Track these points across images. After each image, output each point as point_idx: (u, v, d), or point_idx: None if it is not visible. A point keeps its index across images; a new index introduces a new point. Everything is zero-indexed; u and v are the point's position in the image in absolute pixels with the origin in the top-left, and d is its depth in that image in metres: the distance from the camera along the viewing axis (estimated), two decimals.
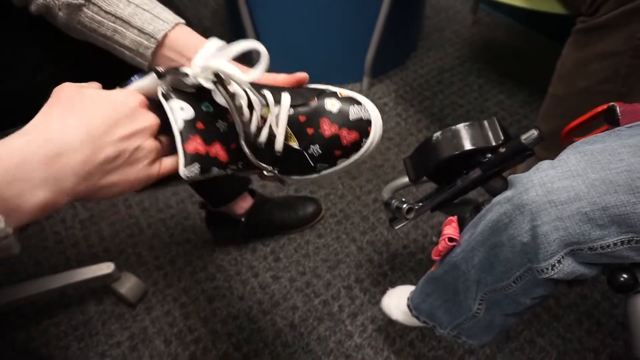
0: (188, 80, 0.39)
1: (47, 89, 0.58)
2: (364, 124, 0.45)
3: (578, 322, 0.93)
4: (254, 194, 0.99)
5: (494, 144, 0.64)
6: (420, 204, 0.73)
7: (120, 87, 0.40)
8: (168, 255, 1.06)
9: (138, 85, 0.39)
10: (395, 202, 0.74)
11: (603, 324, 0.92)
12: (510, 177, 0.51)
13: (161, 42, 0.48)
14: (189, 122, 0.38)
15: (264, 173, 0.44)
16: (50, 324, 0.96)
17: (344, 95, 0.45)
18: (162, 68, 0.38)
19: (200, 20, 1.66)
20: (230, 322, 0.95)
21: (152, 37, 0.48)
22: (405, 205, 0.72)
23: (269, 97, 0.42)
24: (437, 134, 0.67)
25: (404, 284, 0.88)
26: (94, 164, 0.34)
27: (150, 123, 0.38)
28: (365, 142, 0.45)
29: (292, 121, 0.43)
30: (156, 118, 0.39)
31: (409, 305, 0.75)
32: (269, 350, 0.91)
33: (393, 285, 0.90)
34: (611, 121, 0.54)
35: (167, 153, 0.40)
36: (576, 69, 0.75)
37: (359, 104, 0.45)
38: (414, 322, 0.76)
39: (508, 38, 1.56)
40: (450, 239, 0.60)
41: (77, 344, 0.93)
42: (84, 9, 0.49)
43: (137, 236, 1.10)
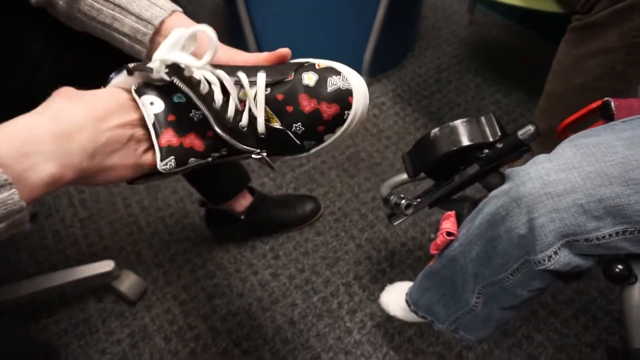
0: (153, 76, 0.39)
1: (46, 89, 0.59)
2: (344, 94, 0.42)
3: (574, 317, 0.94)
4: (253, 191, 1.00)
5: (491, 139, 0.65)
6: (419, 200, 0.73)
7: (103, 86, 0.41)
8: (167, 253, 1.07)
9: (115, 82, 0.40)
10: (393, 198, 0.75)
11: (599, 320, 0.93)
12: (507, 170, 0.52)
13: (158, 28, 0.49)
14: (159, 115, 0.39)
15: (252, 156, 0.43)
16: (50, 322, 0.96)
17: (322, 66, 0.44)
18: (132, 64, 0.39)
19: (199, 20, 1.66)
20: (230, 319, 0.96)
21: (150, 24, 0.49)
22: (403, 201, 0.73)
23: (244, 79, 0.42)
24: (435, 130, 0.68)
25: (403, 280, 0.89)
26: (98, 144, 0.36)
27: (140, 115, 0.40)
28: (348, 114, 0.43)
29: (271, 101, 0.42)
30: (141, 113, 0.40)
31: (407, 301, 0.75)
32: (269, 346, 0.92)
33: (392, 282, 0.91)
34: (606, 116, 0.55)
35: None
36: (572, 66, 0.76)
37: (338, 73, 0.43)
38: (413, 317, 0.77)
39: (505, 37, 1.57)
40: (449, 233, 0.61)
41: (77, 341, 0.93)
42: None
43: (136, 234, 1.10)
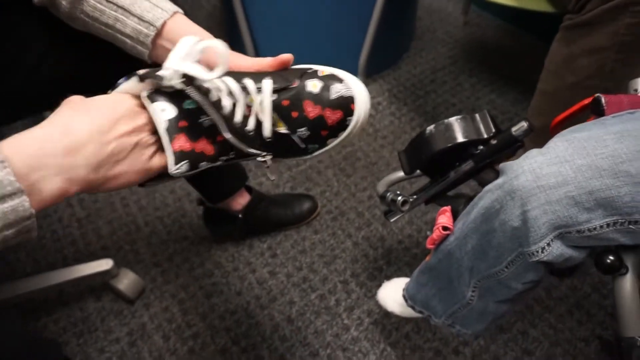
0: (164, 82, 0.40)
1: (46, 88, 0.59)
2: (346, 101, 0.44)
3: (569, 313, 0.95)
4: (251, 190, 1.01)
5: (485, 136, 0.67)
6: (415, 196, 0.75)
7: (110, 91, 0.42)
8: (166, 252, 1.07)
9: (124, 87, 0.41)
10: (390, 195, 0.76)
11: (593, 315, 0.94)
12: (501, 165, 0.53)
13: (160, 30, 0.50)
14: (171, 121, 0.40)
15: (258, 159, 0.45)
16: (49, 320, 0.96)
17: (325, 74, 0.45)
18: (142, 71, 0.40)
19: (196, 21, 1.67)
20: (229, 317, 0.97)
21: (152, 25, 0.49)
22: (400, 198, 0.74)
23: (251, 86, 0.43)
24: (431, 127, 0.69)
25: (399, 277, 0.90)
26: (102, 157, 0.37)
27: (147, 120, 0.40)
28: (350, 120, 0.45)
29: (277, 106, 0.44)
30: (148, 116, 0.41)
31: (404, 296, 0.76)
32: (267, 344, 0.92)
33: (388, 279, 0.91)
34: (597, 112, 0.56)
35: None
36: (564, 65, 0.77)
37: (341, 81, 0.45)
38: (409, 312, 0.78)
39: (499, 38, 1.59)
40: (444, 228, 0.62)
41: (76, 340, 0.94)
42: None
43: (134, 234, 1.11)
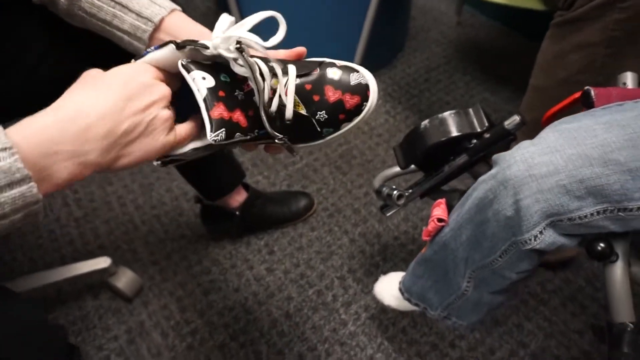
0: (207, 52, 0.41)
1: (45, 87, 0.60)
2: (363, 88, 0.48)
3: (563, 305, 0.96)
4: (248, 188, 1.01)
5: (478, 130, 0.68)
6: (410, 190, 0.76)
7: (136, 59, 0.42)
8: (163, 250, 1.08)
9: (154, 56, 0.42)
10: (386, 190, 0.77)
11: (586, 307, 0.96)
12: (494, 156, 0.54)
13: (158, 26, 0.51)
14: (211, 90, 0.40)
15: (276, 141, 0.46)
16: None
17: (341, 65, 0.49)
18: (179, 40, 0.41)
19: None
20: (227, 313, 0.97)
21: (150, 21, 0.50)
22: (395, 192, 0.75)
23: (277, 69, 0.45)
24: (425, 122, 0.70)
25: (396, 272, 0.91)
26: (114, 138, 0.37)
27: (163, 94, 0.41)
28: (365, 105, 0.48)
29: (299, 90, 0.46)
30: (168, 89, 0.41)
31: (400, 289, 0.77)
32: (265, 339, 0.93)
33: (385, 274, 0.92)
34: (587, 104, 0.57)
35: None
36: (555, 61, 0.79)
37: (357, 71, 0.49)
38: (406, 305, 0.79)
39: (491, 38, 1.61)
40: (440, 220, 0.63)
41: (74, 338, 0.94)
42: None
43: (132, 233, 1.11)
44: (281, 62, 0.47)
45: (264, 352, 0.91)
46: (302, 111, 0.47)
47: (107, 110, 0.37)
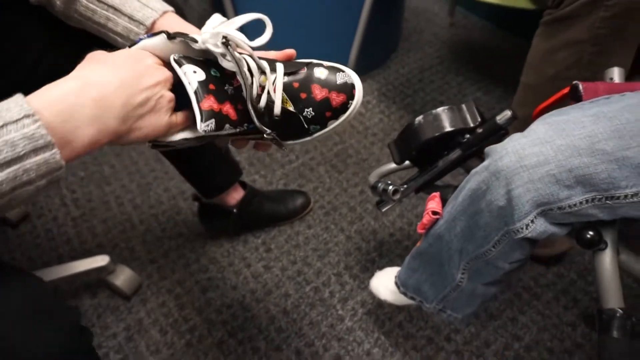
0: (196, 46, 0.43)
1: (45, 84, 0.61)
2: (349, 87, 0.49)
3: (556, 299, 0.98)
4: (245, 186, 1.02)
5: (471, 125, 0.70)
6: (405, 185, 0.77)
7: (130, 47, 0.44)
8: (161, 249, 1.08)
9: (146, 43, 0.43)
10: (381, 185, 0.78)
11: (579, 300, 0.98)
12: (487, 148, 0.56)
13: (150, 29, 0.52)
14: (202, 82, 0.42)
15: (264, 136, 0.48)
16: None
17: (328, 65, 0.51)
18: (172, 32, 0.42)
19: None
20: (225, 310, 0.98)
21: (142, 24, 0.52)
22: (391, 187, 0.76)
23: (266, 66, 0.47)
24: (419, 118, 0.72)
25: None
26: (130, 108, 0.39)
27: (167, 77, 0.43)
28: (351, 103, 0.50)
29: (287, 87, 0.48)
30: (170, 73, 0.43)
31: (396, 283, 0.79)
32: (263, 335, 0.94)
33: (381, 270, 0.94)
34: (575, 98, 0.59)
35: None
36: (545, 58, 0.81)
37: (343, 71, 0.50)
38: (402, 299, 0.80)
39: (484, 38, 1.64)
40: (434, 212, 0.64)
41: None
42: None
43: (129, 232, 1.12)
44: (271, 61, 0.49)
45: (262, 349, 0.92)
46: (290, 108, 0.48)
47: (122, 82, 0.39)
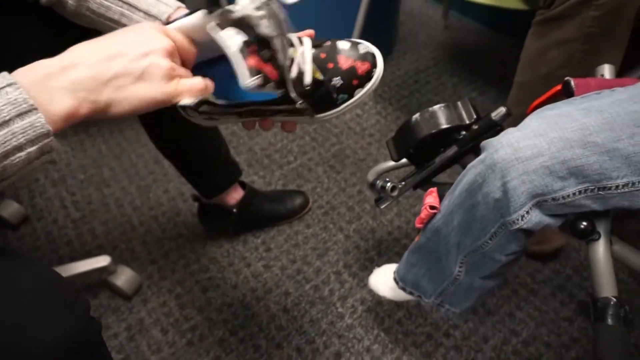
0: (234, 15, 0.43)
1: None
2: (371, 56, 0.52)
3: (552, 295, 0.99)
4: (244, 186, 1.04)
5: (467, 121, 0.71)
6: (403, 182, 0.79)
7: (165, 25, 0.45)
8: (161, 249, 1.09)
9: (183, 23, 0.44)
10: (379, 182, 0.80)
11: (575, 295, 0.99)
12: (483, 142, 0.57)
13: (165, 24, 0.53)
14: (245, 43, 0.43)
15: (297, 106, 0.49)
16: None
17: (347, 40, 0.54)
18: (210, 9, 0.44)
19: None
20: (225, 309, 0.99)
21: (157, 19, 0.53)
22: (389, 184, 0.78)
23: (294, 39, 0.49)
24: (416, 116, 0.74)
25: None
26: (101, 80, 0.39)
27: (164, 45, 0.42)
28: (374, 71, 0.53)
29: (315, 58, 0.50)
30: (170, 41, 0.43)
31: (395, 278, 0.80)
32: (264, 334, 0.95)
33: (379, 267, 0.95)
34: (568, 94, 0.61)
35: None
36: (537, 57, 0.83)
37: (361, 43, 0.53)
38: (401, 295, 0.81)
39: (477, 40, 1.66)
40: (432, 207, 0.66)
41: None
42: None
43: (129, 233, 1.12)
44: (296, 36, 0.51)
45: (263, 346, 0.93)
46: (320, 77, 0.50)
47: (103, 55, 0.40)
